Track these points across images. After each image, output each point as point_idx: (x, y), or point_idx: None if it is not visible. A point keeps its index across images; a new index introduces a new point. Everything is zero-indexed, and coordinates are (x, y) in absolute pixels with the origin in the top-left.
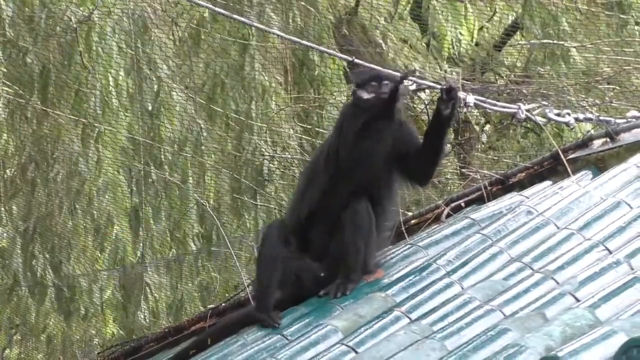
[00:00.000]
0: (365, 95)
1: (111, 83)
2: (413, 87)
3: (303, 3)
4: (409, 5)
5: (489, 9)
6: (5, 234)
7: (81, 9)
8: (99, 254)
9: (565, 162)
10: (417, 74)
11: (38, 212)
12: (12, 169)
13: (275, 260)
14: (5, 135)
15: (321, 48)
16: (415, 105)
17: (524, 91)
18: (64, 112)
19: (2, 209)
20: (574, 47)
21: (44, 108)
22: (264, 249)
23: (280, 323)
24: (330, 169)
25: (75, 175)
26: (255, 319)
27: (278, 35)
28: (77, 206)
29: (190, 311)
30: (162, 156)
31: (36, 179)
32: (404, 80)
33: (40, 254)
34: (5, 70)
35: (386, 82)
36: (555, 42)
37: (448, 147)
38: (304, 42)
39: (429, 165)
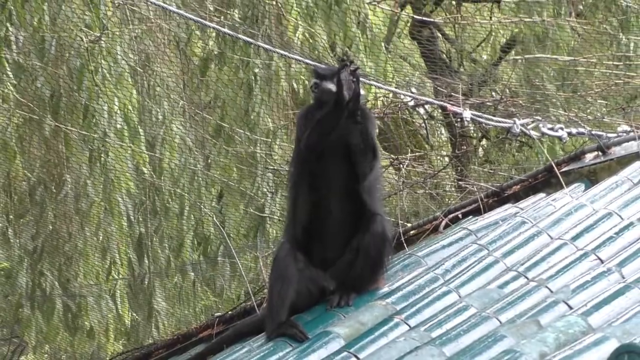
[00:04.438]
0: (333, 88)
1: (116, 108)
2: (412, 102)
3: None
4: (408, 26)
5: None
6: (13, 253)
7: (89, 32)
8: (105, 272)
9: (558, 174)
10: (414, 89)
11: (45, 232)
12: (21, 190)
13: (287, 277)
14: (17, 157)
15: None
16: (414, 120)
17: (520, 102)
18: (73, 136)
19: (10, 229)
20: (567, 61)
21: (56, 124)
22: (276, 268)
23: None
24: (305, 177)
25: (82, 197)
26: (283, 334)
27: (282, 55)
28: (85, 228)
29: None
30: (164, 185)
31: (45, 200)
32: (344, 68)
33: (48, 271)
34: (15, 94)
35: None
36: (549, 56)
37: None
38: (307, 60)
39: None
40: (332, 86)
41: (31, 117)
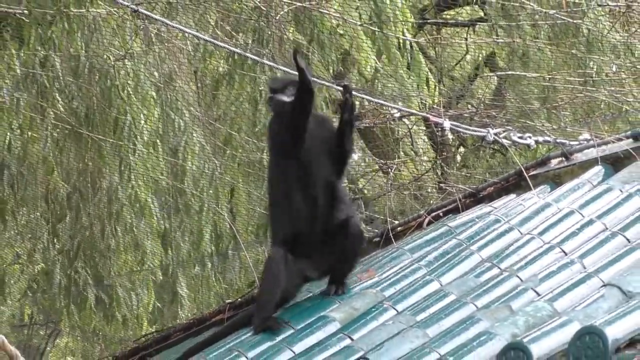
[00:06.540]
0: (286, 99)
1: (142, 121)
2: (397, 114)
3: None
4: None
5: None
6: (50, 255)
7: (115, 51)
8: (135, 268)
9: (527, 178)
10: (400, 104)
11: (82, 233)
12: (60, 198)
13: (278, 281)
14: (55, 170)
15: (326, 82)
16: (399, 130)
17: (494, 113)
18: (106, 146)
19: (48, 234)
20: (534, 77)
21: (90, 136)
22: (269, 270)
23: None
24: (283, 185)
25: (114, 202)
26: (269, 328)
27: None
28: (117, 228)
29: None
30: (187, 189)
31: (80, 207)
32: (304, 77)
33: (83, 269)
34: (55, 111)
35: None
36: (519, 73)
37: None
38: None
39: (341, 164)
40: (284, 98)
41: (69, 130)
